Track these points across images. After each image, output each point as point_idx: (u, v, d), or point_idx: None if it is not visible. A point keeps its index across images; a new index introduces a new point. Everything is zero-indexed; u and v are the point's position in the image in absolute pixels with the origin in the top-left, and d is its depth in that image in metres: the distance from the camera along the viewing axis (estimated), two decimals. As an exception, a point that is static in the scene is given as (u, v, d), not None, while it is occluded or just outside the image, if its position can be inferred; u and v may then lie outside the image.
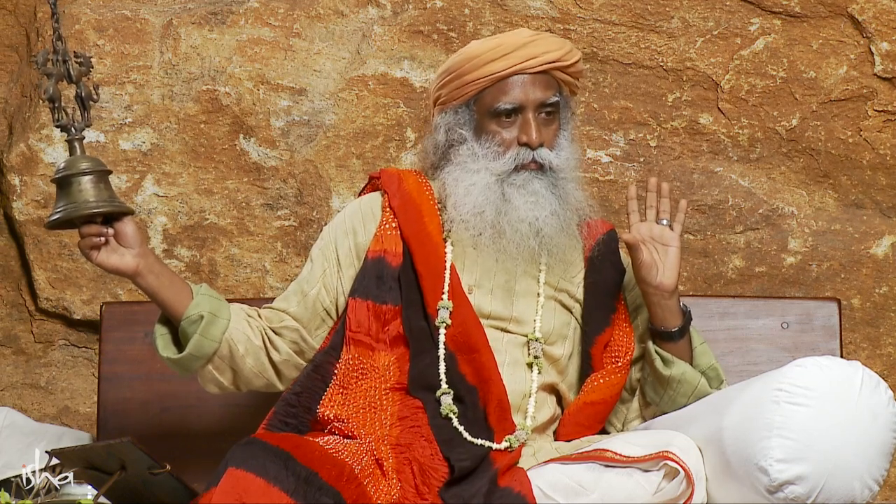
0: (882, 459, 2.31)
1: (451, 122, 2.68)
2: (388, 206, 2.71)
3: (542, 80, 2.64)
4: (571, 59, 2.67)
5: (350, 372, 2.60)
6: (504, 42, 2.66)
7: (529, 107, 2.62)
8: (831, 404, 2.29)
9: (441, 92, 2.70)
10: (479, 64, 2.64)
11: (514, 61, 2.62)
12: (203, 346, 2.59)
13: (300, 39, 3.34)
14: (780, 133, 3.30)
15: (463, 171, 2.65)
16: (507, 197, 2.61)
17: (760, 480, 2.29)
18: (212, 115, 3.34)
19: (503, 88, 2.63)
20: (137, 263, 2.55)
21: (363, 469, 2.41)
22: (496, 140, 2.63)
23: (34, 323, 3.47)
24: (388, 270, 2.65)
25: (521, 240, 2.61)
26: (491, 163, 2.62)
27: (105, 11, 3.36)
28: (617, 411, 2.70)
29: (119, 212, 2.54)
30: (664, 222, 2.66)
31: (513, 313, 2.64)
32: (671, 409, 2.63)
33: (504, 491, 2.40)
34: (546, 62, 2.64)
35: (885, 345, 3.33)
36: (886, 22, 3.24)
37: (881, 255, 3.32)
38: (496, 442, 2.53)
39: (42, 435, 2.94)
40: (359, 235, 2.71)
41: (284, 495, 2.25)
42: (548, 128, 2.64)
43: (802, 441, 2.27)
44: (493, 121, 2.63)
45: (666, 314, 2.62)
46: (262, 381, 2.67)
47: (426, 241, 2.66)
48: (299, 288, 2.71)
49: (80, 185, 2.51)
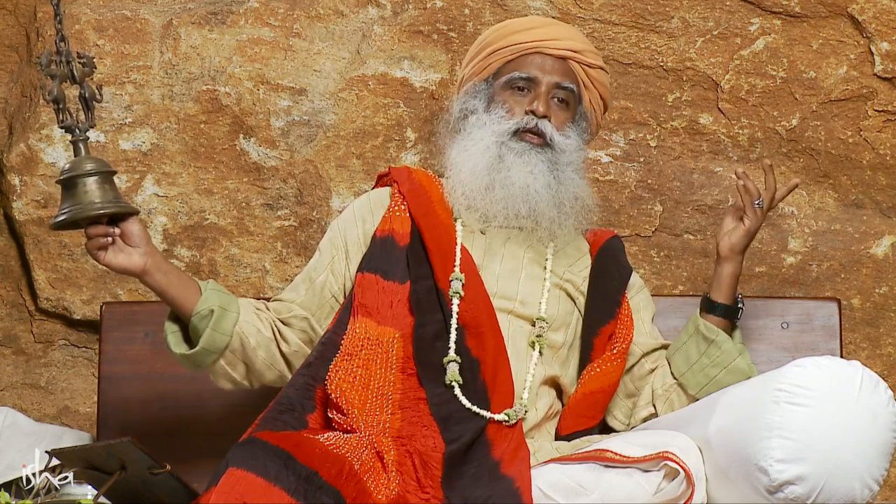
0: (882, 459, 2.31)
1: (468, 96, 2.75)
2: (397, 192, 2.75)
3: (561, 65, 2.71)
4: (592, 59, 2.74)
5: (356, 341, 2.60)
6: (532, 20, 2.80)
7: (543, 83, 2.68)
8: (831, 404, 2.29)
9: (467, 70, 2.78)
10: (505, 34, 2.74)
11: (538, 36, 2.71)
12: (215, 340, 2.60)
13: (300, 39, 3.34)
14: (780, 133, 3.30)
15: (468, 140, 2.70)
16: (503, 158, 2.66)
17: (760, 480, 2.29)
18: (212, 115, 3.34)
19: (523, 62, 2.71)
20: (145, 262, 2.57)
21: (363, 464, 2.40)
22: (505, 108, 2.69)
23: (34, 323, 3.47)
24: (396, 249, 2.68)
25: (508, 199, 2.65)
26: (495, 126, 2.67)
27: (105, 11, 3.36)
28: (622, 406, 2.71)
29: (125, 212, 2.55)
30: (758, 203, 2.67)
31: (518, 295, 2.66)
32: (698, 381, 2.64)
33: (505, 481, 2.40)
34: (567, 48, 2.71)
35: (885, 345, 3.33)
36: (886, 22, 3.24)
37: (881, 255, 3.32)
38: (494, 412, 2.53)
39: (42, 435, 2.94)
40: (367, 224, 2.74)
41: (285, 495, 2.25)
42: (558, 112, 2.70)
43: (802, 441, 2.27)
44: (506, 90, 2.70)
45: (716, 282, 2.67)
46: (273, 374, 2.69)
47: (436, 222, 2.69)
48: (307, 276, 2.74)
49: (86, 186, 2.51)
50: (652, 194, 3.32)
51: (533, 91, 2.69)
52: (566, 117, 2.70)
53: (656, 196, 3.32)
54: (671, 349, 2.71)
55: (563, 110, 2.70)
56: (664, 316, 3.04)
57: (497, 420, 2.52)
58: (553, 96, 2.69)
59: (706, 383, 2.65)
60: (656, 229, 3.33)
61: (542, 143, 2.66)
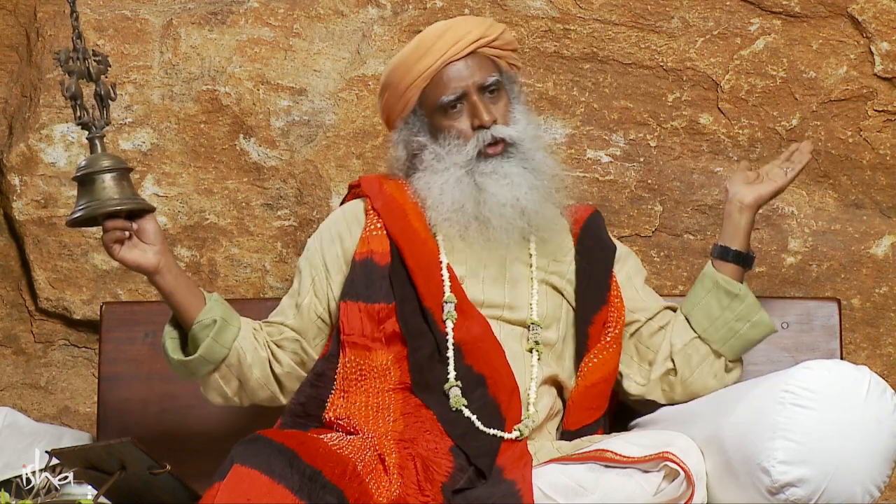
0: (884, 465, 2.31)
1: (406, 133, 2.70)
2: (371, 208, 2.72)
3: (474, 61, 2.66)
4: (495, 33, 2.69)
5: (349, 375, 2.61)
6: (423, 39, 2.68)
7: (472, 91, 2.64)
8: (836, 408, 2.29)
9: (387, 111, 2.73)
10: (408, 68, 2.67)
11: (439, 52, 2.65)
12: (214, 350, 2.61)
13: (300, 39, 3.34)
14: (780, 133, 3.30)
15: (432, 174, 2.66)
16: (482, 186, 2.62)
17: (762, 481, 2.29)
18: (212, 115, 3.34)
19: (440, 82, 2.65)
20: (159, 261, 2.57)
21: (366, 466, 2.41)
22: (453, 134, 2.64)
23: (34, 323, 3.47)
24: (377, 270, 2.66)
25: (508, 223, 2.63)
26: (455, 157, 2.63)
27: (105, 11, 3.36)
28: (639, 370, 2.70)
29: (142, 209, 2.55)
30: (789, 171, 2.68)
31: (506, 300, 2.65)
32: (723, 336, 2.63)
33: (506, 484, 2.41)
34: (471, 42, 2.66)
35: (885, 345, 3.33)
36: (886, 22, 3.24)
37: (881, 255, 3.32)
38: (507, 431, 2.54)
39: (42, 435, 2.94)
40: (345, 241, 2.72)
41: (289, 493, 2.25)
42: (496, 105, 2.66)
43: (806, 444, 2.27)
44: (443, 117, 2.65)
45: (731, 230, 2.65)
46: (265, 393, 2.69)
47: (414, 238, 2.67)
48: (292, 301, 2.73)
49: (104, 182, 2.52)
50: (652, 194, 3.32)
51: (466, 103, 2.64)
52: (505, 105, 2.67)
53: (656, 196, 3.32)
54: (688, 305, 2.68)
55: (498, 100, 2.66)
56: (664, 316, 3.04)
57: (510, 438, 2.53)
58: (484, 93, 2.65)
59: (730, 337, 2.64)
60: (656, 229, 3.33)
61: (504, 148, 2.63)
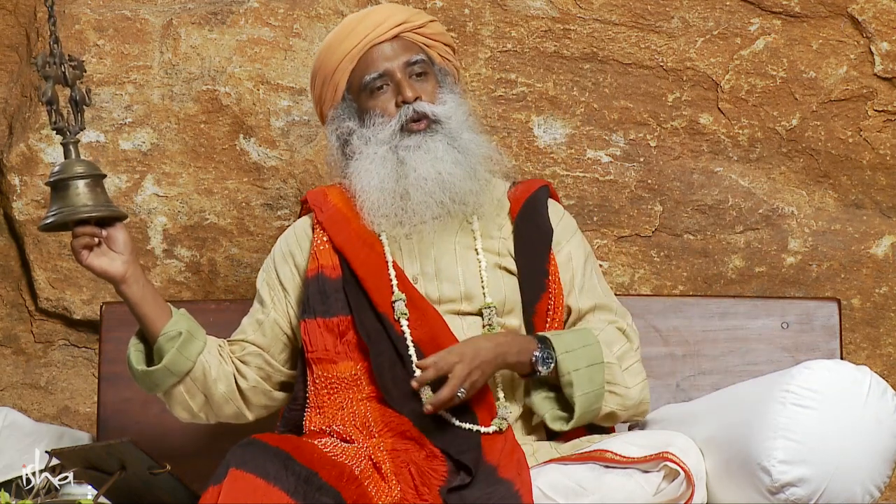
0: (885, 466, 2.31)
1: (336, 123, 2.71)
2: (316, 222, 2.72)
3: (400, 44, 2.68)
4: (419, 20, 2.70)
5: (320, 390, 2.61)
6: (345, 23, 2.71)
7: (396, 70, 2.65)
8: (837, 408, 2.29)
9: (319, 103, 2.74)
10: (332, 52, 2.69)
11: (362, 33, 2.67)
12: (178, 362, 2.59)
13: (300, 39, 3.34)
14: (780, 133, 3.30)
15: (361, 159, 2.65)
16: (404, 160, 2.61)
17: (762, 481, 2.29)
18: (212, 115, 3.34)
19: (365, 63, 2.67)
20: (126, 270, 2.57)
21: (363, 471, 2.41)
22: (377, 113, 2.65)
23: (34, 323, 3.47)
24: (330, 283, 2.65)
25: (428, 196, 2.60)
26: (380, 135, 2.63)
27: (105, 11, 3.36)
28: None
29: (113, 216, 2.55)
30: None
31: (461, 290, 2.63)
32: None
33: (504, 485, 2.40)
34: (394, 25, 2.68)
35: (885, 345, 3.33)
36: (886, 22, 3.24)
37: (881, 255, 3.32)
38: (483, 425, 2.52)
39: (42, 435, 2.94)
40: (297, 257, 2.73)
41: (284, 495, 2.25)
42: (423, 85, 2.66)
43: (806, 443, 2.27)
44: (369, 98, 2.66)
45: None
46: (231, 409, 2.68)
47: (359, 246, 2.66)
48: (253, 319, 2.73)
49: (77, 188, 2.51)
50: (652, 194, 3.32)
51: (391, 83, 2.65)
52: (432, 86, 2.67)
53: (656, 196, 3.32)
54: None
55: (425, 81, 2.67)
56: (664, 316, 3.04)
57: (488, 432, 2.51)
58: (410, 75, 2.66)
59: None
60: (656, 229, 3.33)
61: (428, 124, 2.63)
